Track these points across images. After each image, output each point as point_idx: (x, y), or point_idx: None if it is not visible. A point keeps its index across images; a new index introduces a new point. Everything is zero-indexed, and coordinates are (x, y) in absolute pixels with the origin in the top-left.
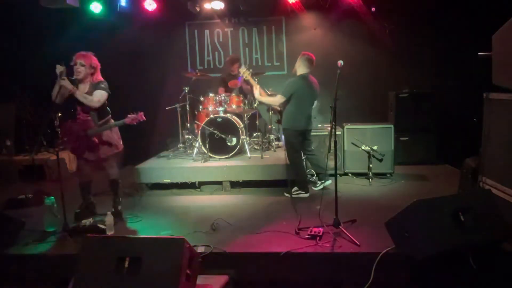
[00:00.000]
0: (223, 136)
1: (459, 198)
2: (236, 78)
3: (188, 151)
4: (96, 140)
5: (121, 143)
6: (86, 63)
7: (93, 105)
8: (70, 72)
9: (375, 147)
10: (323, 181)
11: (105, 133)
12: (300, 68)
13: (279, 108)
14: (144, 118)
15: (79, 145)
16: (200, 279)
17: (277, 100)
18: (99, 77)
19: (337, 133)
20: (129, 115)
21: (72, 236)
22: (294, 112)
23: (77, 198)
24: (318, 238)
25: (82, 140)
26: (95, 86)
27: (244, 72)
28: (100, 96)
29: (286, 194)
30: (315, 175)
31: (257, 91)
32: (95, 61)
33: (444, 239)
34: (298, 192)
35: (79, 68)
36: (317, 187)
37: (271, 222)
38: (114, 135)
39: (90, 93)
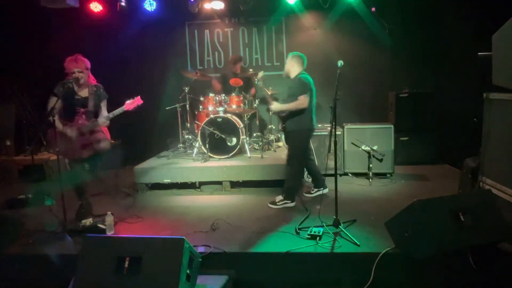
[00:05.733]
0: (223, 136)
1: (459, 198)
2: (238, 77)
3: (188, 151)
4: (90, 136)
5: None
6: (82, 68)
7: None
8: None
9: (375, 147)
10: (321, 188)
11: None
12: (295, 68)
13: (283, 114)
14: (142, 101)
15: (73, 147)
16: (200, 279)
17: (302, 101)
18: (93, 79)
19: (337, 133)
20: (127, 101)
21: (72, 236)
22: (304, 111)
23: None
24: (318, 238)
25: (77, 142)
26: (98, 94)
27: (261, 79)
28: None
29: (270, 206)
30: (310, 180)
31: (273, 105)
32: (86, 62)
33: (444, 239)
34: (283, 202)
35: (79, 75)
36: (311, 194)
37: (271, 222)
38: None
39: (91, 95)
